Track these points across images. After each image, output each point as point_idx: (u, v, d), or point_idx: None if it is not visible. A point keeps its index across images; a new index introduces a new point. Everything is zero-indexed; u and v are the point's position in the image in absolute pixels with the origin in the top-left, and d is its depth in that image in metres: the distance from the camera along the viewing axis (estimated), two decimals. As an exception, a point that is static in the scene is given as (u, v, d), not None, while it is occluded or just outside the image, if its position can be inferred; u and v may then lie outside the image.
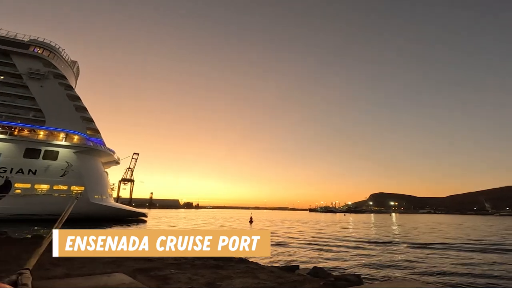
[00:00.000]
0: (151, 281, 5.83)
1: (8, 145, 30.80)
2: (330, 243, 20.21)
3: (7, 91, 34.39)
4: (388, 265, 12.54)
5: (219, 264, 8.24)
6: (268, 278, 6.31)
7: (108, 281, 5.03)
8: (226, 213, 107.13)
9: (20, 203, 29.18)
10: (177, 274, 6.68)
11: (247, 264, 8.77)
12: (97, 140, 38.03)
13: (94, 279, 5.09)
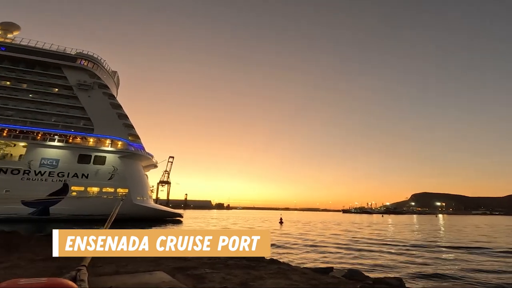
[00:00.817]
0: (187, 279, 6.11)
1: (65, 152, 34.60)
2: (367, 245, 19.21)
3: (61, 102, 38.14)
4: (434, 271, 11.48)
5: (251, 265, 8.32)
6: (300, 280, 6.21)
7: (151, 279, 5.42)
8: (256, 214, 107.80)
9: (76, 204, 32.41)
10: (212, 273, 6.89)
11: (279, 265, 8.74)
12: (137, 145, 40.94)
13: (138, 277, 5.52)
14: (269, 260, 10.04)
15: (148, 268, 6.91)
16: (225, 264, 8.19)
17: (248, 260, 9.41)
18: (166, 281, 5.35)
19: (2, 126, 33.36)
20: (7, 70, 36.78)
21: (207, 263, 8.24)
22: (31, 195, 30.60)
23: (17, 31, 42.85)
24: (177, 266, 7.35)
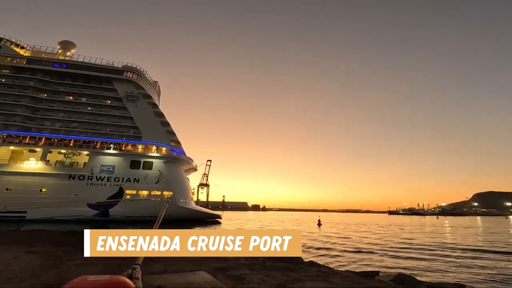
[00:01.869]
0: (227, 280, 6.32)
1: (119, 158, 38.48)
2: (419, 249, 17.48)
3: (114, 113, 42.25)
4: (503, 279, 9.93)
5: (289, 267, 8.24)
6: (342, 283, 5.99)
7: (194, 278, 5.76)
8: (292, 216, 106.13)
9: (130, 206, 35.70)
10: (250, 274, 7.01)
11: (318, 268, 8.50)
12: (179, 150, 43.65)
13: (183, 276, 5.91)
14: (308, 263, 9.84)
15: (192, 267, 7.33)
16: (263, 265, 8.26)
17: (286, 262, 9.34)
18: (208, 281, 5.64)
19: (69, 137, 38.33)
20: (69, 86, 41.87)
21: (245, 264, 8.40)
22: (94, 199, 34.55)
23: (73, 49, 47.73)
24: (217, 266, 7.64)
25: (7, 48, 41.22)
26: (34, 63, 41.23)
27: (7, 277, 5.11)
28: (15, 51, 41.83)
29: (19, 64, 40.72)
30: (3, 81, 39.04)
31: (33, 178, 33.70)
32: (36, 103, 39.01)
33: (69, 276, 5.36)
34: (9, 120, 36.63)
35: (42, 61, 42.04)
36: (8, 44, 41.80)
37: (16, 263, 6.40)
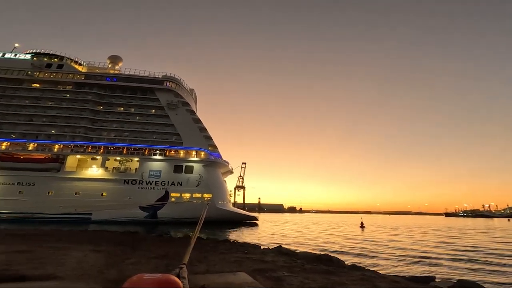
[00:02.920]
0: (267, 281, 6.40)
1: (164, 164, 41.61)
2: (488, 255, 15.30)
3: (158, 122, 45.59)
4: None
5: (330, 270, 8.00)
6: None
7: (235, 279, 5.98)
8: (331, 218, 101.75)
9: (175, 208, 38.22)
10: (290, 276, 6.99)
11: (363, 272, 8.09)
12: (216, 154, 45.48)
13: (224, 277, 6.18)
14: (350, 266, 9.43)
15: (232, 268, 7.59)
16: (302, 268, 8.15)
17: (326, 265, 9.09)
18: (248, 282, 5.79)
19: (122, 145, 42.49)
20: (120, 97, 46.18)
21: (284, 266, 8.39)
22: (144, 201, 37.94)
23: (121, 62, 51.48)
24: (256, 268, 7.77)
25: (68, 66, 46.10)
26: (90, 78, 45.51)
27: (79, 274, 5.83)
28: (75, 68, 46.47)
29: (78, 80, 45.25)
30: (68, 96, 44.36)
31: (95, 184, 38.25)
32: (94, 115, 43.99)
33: (127, 274, 6.00)
34: (74, 131, 41.94)
35: (97, 76, 46.00)
36: (69, 62, 46.62)
37: (85, 261, 7.36)
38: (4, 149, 38.53)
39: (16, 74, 43.24)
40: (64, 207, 34.12)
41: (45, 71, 44.29)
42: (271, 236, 25.92)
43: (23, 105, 41.82)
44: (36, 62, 44.54)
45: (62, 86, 44.52)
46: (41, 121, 41.37)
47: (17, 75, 43.24)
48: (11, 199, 35.01)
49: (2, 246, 8.95)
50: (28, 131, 40.36)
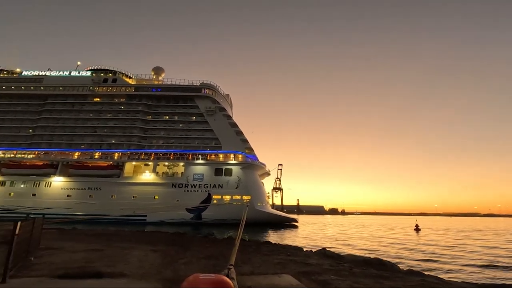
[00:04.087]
0: (312, 284, 6.32)
1: (206, 167, 43.84)
2: None
3: (199, 128, 48.03)
4: None
5: (383, 275, 7.57)
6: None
7: (280, 281, 6.06)
8: (379, 220, 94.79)
9: (217, 210, 39.97)
10: (337, 280, 6.80)
11: (422, 277, 7.46)
12: (253, 156, 46.35)
13: (269, 278, 6.30)
14: (406, 271, 8.77)
15: (276, 270, 7.66)
16: (350, 271, 7.85)
17: (378, 269, 8.62)
18: (294, 284, 5.81)
19: (169, 151, 45.97)
20: (165, 107, 49.96)
21: (330, 269, 8.18)
22: (190, 204, 40.40)
23: (163, 73, 53.97)
24: (301, 270, 7.72)
25: (121, 79, 50.17)
26: (139, 90, 48.98)
27: (142, 272, 6.48)
28: (126, 82, 50.35)
29: (130, 92, 48.94)
30: (122, 108, 49.33)
31: (148, 187, 42.24)
32: (145, 125, 48.36)
33: (181, 273, 6.52)
34: (130, 140, 46.74)
35: (144, 87, 49.43)
36: (121, 76, 50.55)
37: (146, 260, 8.20)
38: (76, 158, 44.90)
39: (81, 90, 49.49)
40: (124, 209, 38.42)
41: (103, 85, 49.82)
42: (312, 239, 25.34)
43: (88, 118, 48.04)
44: (95, 78, 50.33)
45: (117, 98, 49.76)
46: (103, 132, 46.98)
47: (82, 91, 49.45)
48: (83, 202, 40.79)
49: (81, 245, 10.53)
50: (94, 141, 46.27)
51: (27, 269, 5.78)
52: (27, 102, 48.52)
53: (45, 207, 38.91)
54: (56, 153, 44.60)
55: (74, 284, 4.96)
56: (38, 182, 41.94)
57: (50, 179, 42.13)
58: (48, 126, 46.58)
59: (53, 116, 47.33)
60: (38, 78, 50.22)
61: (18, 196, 41.16)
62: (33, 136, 45.83)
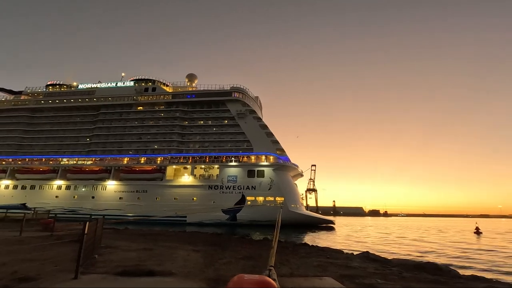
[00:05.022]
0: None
1: (239, 169, 44.84)
2: None
3: (231, 131, 48.29)
4: None
5: (440, 280, 6.97)
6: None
7: (321, 283, 5.92)
8: (429, 222, 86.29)
9: (251, 211, 40.57)
10: (385, 284, 6.47)
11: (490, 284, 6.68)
12: (284, 157, 46.16)
13: (310, 280, 6.20)
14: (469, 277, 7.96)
15: (315, 272, 7.52)
16: (400, 276, 7.39)
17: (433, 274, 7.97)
18: (336, 287, 5.63)
19: (205, 155, 48.06)
20: (199, 112, 52.33)
21: (376, 273, 7.79)
22: (226, 205, 41.74)
23: (196, 80, 56.62)
24: (343, 273, 7.45)
25: (159, 88, 53.58)
26: (176, 97, 51.74)
27: (186, 271, 6.85)
28: (164, 90, 53.48)
29: (167, 100, 51.95)
30: (162, 115, 52.81)
31: (188, 190, 44.62)
32: (182, 130, 51.29)
33: (222, 273, 6.76)
34: (170, 145, 49.92)
35: (180, 94, 52.09)
36: (159, 85, 53.87)
37: (189, 260, 8.69)
38: (125, 163, 49.50)
39: (127, 100, 54.29)
40: (167, 211, 41.26)
41: (144, 94, 54.07)
42: (352, 241, 24.18)
43: (133, 125, 52.58)
44: (137, 87, 54.78)
45: (157, 106, 53.56)
46: (146, 138, 51.07)
47: (127, 100, 54.27)
48: (133, 204, 44.86)
49: (134, 244, 11.63)
50: (139, 147, 50.52)
51: (93, 266, 6.55)
52: (83, 113, 54.79)
53: (102, 209, 43.52)
54: (109, 159, 49.68)
55: (132, 281, 5.50)
56: (96, 186, 47.16)
57: (105, 183, 47.07)
58: (101, 134, 52.09)
59: (105, 125, 52.78)
60: (91, 91, 56.32)
61: (81, 198, 46.74)
62: (90, 144, 51.65)
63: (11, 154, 52.45)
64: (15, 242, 9.99)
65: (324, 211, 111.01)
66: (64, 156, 51.18)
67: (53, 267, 6.24)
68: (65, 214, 41.77)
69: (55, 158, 50.90)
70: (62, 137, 53.18)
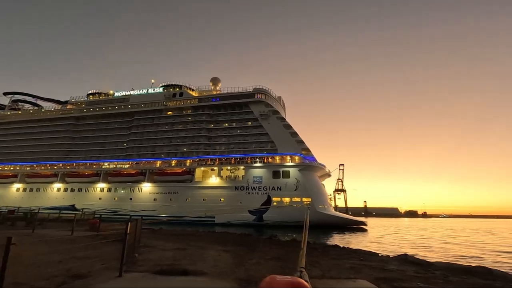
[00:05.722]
0: (396, 292, 5.79)
1: (264, 170, 45.00)
2: None
3: (254, 132, 48.61)
4: None
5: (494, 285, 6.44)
6: None
7: (355, 285, 5.72)
8: (477, 223, 79.36)
9: (277, 212, 40.50)
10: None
11: None
12: (310, 157, 45.32)
13: (343, 283, 6.02)
14: None
15: (348, 275, 7.28)
16: (446, 280, 6.89)
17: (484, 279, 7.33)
18: (372, 290, 5.38)
19: (230, 156, 48.98)
20: (223, 115, 53.48)
21: (416, 276, 7.35)
22: (252, 206, 42.08)
23: (220, 83, 58.18)
24: (379, 276, 7.15)
25: (186, 93, 55.76)
26: (202, 101, 53.68)
27: (218, 271, 7.03)
28: (190, 94, 55.60)
29: (194, 104, 53.99)
30: (189, 119, 54.85)
31: (215, 191, 45.91)
32: (209, 133, 52.89)
33: (252, 273, 6.83)
34: (197, 148, 51.88)
35: (205, 98, 53.89)
36: (186, 90, 56.08)
37: (220, 260, 8.92)
38: (158, 166, 52.22)
39: (157, 106, 57.23)
40: (196, 211, 42.81)
41: (173, 100, 56.61)
42: (385, 243, 22.90)
43: (164, 130, 55.36)
44: (166, 93, 57.45)
45: (184, 111, 55.76)
46: (176, 142, 53.50)
47: (157, 106, 57.18)
48: (166, 205, 47.24)
49: (168, 244, 12.29)
50: (170, 150, 53.11)
51: (134, 265, 7.03)
52: (120, 120, 58.92)
53: (138, 210, 46.58)
54: (144, 163, 52.92)
55: (169, 280, 5.83)
56: (133, 188, 50.45)
57: (141, 185, 50.18)
58: (136, 139, 55.72)
59: (139, 130, 56.34)
60: (125, 98, 60.54)
61: (120, 200, 50.42)
62: (127, 149, 55.45)
63: (60, 160, 58.09)
64: (67, 241, 11.16)
65: (355, 212, 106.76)
66: (105, 160, 55.50)
67: (100, 265, 6.82)
68: (107, 214, 45.01)
69: (98, 162, 55.43)
70: (102, 143, 57.81)
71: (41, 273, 5.73)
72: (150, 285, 5.40)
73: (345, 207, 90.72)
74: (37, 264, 6.46)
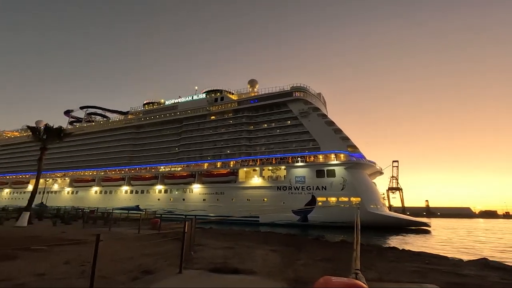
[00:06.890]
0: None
1: (307, 170, 43.94)
2: None
3: (294, 131, 47.97)
4: None
5: None
6: None
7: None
8: None
9: (323, 212, 39.07)
10: None
11: None
12: (358, 155, 42.65)
13: (406, 286, 5.52)
14: None
15: (410, 278, 6.67)
16: None
17: None
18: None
19: (271, 156, 49.22)
20: (262, 116, 54.19)
21: (501, 283, 6.45)
22: (295, 206, 41.57)
23: (257, 84, 59.47)
24: (452, 281, 6.41)
25: (226, 97, 58.09)
26: (241, 104, 55.21)
27: (267, 270, 7.11)
28: (230, 98, 57.80)
29: (234, 107, 55.95)
30: (231, 122, 56.94)
31: (258, 191, 46.65)
32: (249, 134, 54.26)
33: (301, 274, 6.77)
34: (240, 150, 53.39)
35: (244, 101, 55.39)
36: (226, 94, 58.70)
37: (268, 259, 9.07)
38: (206, 168, 55.57)
39: (201, 111, 61.01)
40: (241, 211, 44.12)
41: (215, 104, 59.36)
42: (455, 247, 20.20)
43: (209, 134, 58.62)
44: (209, 99, 60.86)
45: (226, 114, 58.32)
46: (220, 144, 56.16)
47: (202, 111, 60.91)
48: (213, 205, 49.88)
49: (219, 243, 12.98)
50: (215, 153, 56.03)
51: (191, 262, 7.58)
52: (171, 126, 64.39)
53: (190, 210, 50.04)
54: (193, 165, 56.88)
55: (223, 278, 6.17)
56: (185, 189, 54.48)
57: (191, 187, 53.91)
58: (186, 143, 60.26)
59: (188, 135, 60.79)
60: (174, 106, 66.01)
61: (175, 201, 54.94)
62: (178, 153, 60.26)
63: (126, 165, 66.15)
64: (136, 239, 12.72)
65: (414, 212, 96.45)
66: (161, 164, 61.27)
67: (163, 261, 7.59)
68: (165, 214, 49.24)
69: (155, 166, 61.61)
70: (158, 148, 64.12)
71: (119, 268, 6.63)
72: (206, 282, 5.79)
73: (402, 207, 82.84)
74: (115, 259, 7.50)
